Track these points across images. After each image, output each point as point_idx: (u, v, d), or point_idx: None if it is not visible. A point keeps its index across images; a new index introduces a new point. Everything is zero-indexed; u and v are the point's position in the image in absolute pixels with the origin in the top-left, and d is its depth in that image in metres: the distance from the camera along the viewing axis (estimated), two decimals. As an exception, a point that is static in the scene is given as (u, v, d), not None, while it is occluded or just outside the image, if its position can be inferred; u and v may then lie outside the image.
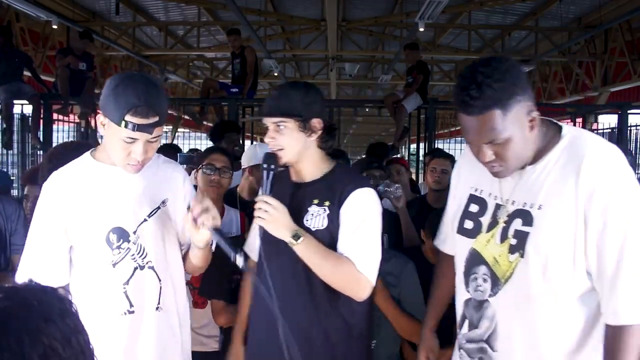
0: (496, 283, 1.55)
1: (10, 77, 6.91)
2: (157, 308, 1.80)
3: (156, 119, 1.63)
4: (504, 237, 1.54)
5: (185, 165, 3.50)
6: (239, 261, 1.65)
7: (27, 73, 7.31)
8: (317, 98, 1.87)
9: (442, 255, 1.89)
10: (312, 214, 1.84)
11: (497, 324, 1.56)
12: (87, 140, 7.71)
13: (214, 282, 2.32)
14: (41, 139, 7.01)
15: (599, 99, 10.45)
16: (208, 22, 10.44)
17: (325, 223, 1.82)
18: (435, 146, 6.99)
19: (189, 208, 1.72)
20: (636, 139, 7.29)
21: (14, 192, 6.07)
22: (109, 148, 1.70)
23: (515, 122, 1.42)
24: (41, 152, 6.91)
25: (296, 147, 1.84)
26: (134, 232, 1.74)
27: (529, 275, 1.48)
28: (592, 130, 7.04)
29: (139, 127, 1.60)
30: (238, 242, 1.80)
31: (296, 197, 1.85)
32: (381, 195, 2.32)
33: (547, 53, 10.11)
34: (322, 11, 9.51)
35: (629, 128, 6.90)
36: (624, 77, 9.83)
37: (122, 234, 1.73)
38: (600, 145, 1.48)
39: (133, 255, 1.75)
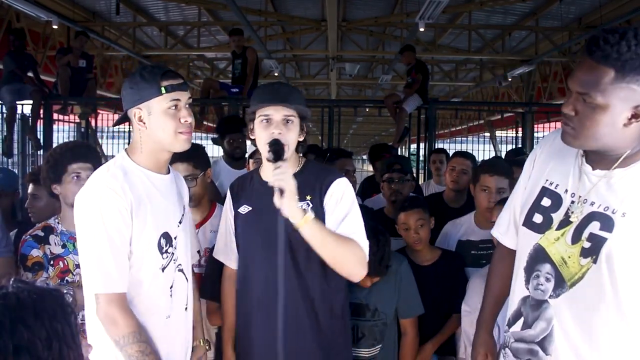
0: (560, 285, 1.47)
1: (17, 79, 6.95)
2: (185, 309, 1.89)
3: (181, 79, 1.75)
4: (576, 238, 1.45)
5: None
6: None
7: (28, 74, 7.32)
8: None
9: (500, 250, 1.79)
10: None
11: (553, 328, 1.48)
12: (87, 140, 7.74)
13: (213, 283, 2.32)
14: (41, 139, 7.01)
15: (599, 99, 10.42)
16: (208, 22, 10.43)
17: None
18: (436, 146, 6.99)
19: None
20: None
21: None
22: (157, 132, 1.73)
23: (618, 99, 1.33)
24: (41, 151, 6.91)
25: (293, 146, 1.90)
26: (175, 238, 1.81)
27: (599, 283, 1.41)
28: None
29: (177, 87, 1.72)
30: None
31: None
32: None
33: (547, 53, 10.09)
34: (322, 11, 9.50)
35: (629, 128, 6.88)
36: (624, 77, 9.81)
37: (168, 239, 1.78)
38: None
39: (175, 259, 1.82)
